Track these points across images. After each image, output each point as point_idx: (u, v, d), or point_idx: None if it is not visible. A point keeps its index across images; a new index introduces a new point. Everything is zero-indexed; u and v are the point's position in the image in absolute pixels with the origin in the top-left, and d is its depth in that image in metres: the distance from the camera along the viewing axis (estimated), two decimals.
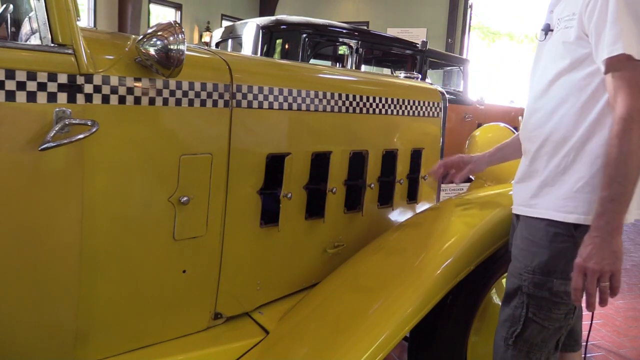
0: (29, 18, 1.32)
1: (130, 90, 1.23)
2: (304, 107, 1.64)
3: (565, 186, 1.27)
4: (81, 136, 1.11)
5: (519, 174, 1.43)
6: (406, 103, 2.00)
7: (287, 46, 4.00)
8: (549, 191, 1.30)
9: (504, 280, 1.71)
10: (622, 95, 1.16)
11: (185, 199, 1.36)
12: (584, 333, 1.74)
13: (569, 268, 1.24)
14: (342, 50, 4.79)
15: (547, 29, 1.36)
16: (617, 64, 1.16)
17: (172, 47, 1.17)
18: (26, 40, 1.33)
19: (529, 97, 1.42)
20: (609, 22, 1.16)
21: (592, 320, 1.69)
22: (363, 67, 4.79)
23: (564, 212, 1.26)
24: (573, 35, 1.25)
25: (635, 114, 1.13)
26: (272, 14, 10.73)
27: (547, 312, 1.31)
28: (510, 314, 1.36)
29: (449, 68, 5.49)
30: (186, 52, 1.20)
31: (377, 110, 1.88)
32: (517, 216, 1.43)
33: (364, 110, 1.83)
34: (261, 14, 10.93)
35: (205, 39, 9.79)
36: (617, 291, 1.17)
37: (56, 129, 1.09)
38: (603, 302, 1.18)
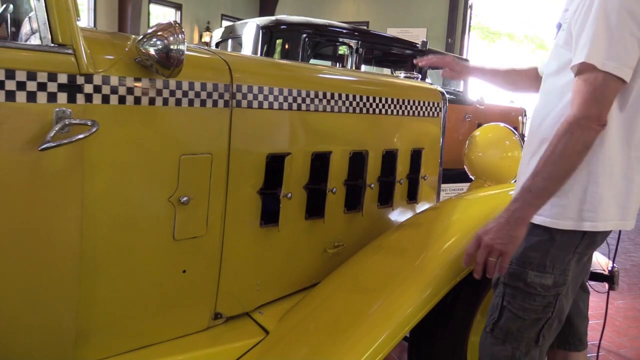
0: (29, 18, 1.32)
1: (130, 90, 1.23)
2: (304, 107, 1.64)
3: None
4: (81, 136, 1.11)
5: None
6: (406, 103, 2.00)
7: (287, 46, 4.00)
8: None
9: None
10: (577, 99, 1.18)
11: (185, 199, 1.36)
12: (591, 334, 1.75)
13: (545, 261, 1.30)
14: (342, 50, 4.79)
15: (559, 27, 1.37)
16: (583, 70, 1.18)
17: (172, 47, 1.17)
18: (26, 40, 1.33)
19: None
20: (586, 27, 1.18)
21: (603, 327, 1.69)
22: (363, 67, 4.78)
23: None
24: (562, 39, 1.28)
25: (582, 121, 1.16)
26: (272, 14, 10.73)
27: (521, 302, 1.34)
28: (492, 303, 1.41)
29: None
30: (186, 52, 1.20)
31: (377, 110, 1.88)
32: None
33: (364, 110, 1.83)
34: (261, 14, 10.93)
35: (205, 39, 9.80)
36: (503, 271, 1.27)
37: (56, 129, 1.09)
38: (488, 274, 1.27)
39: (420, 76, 2.32)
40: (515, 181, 1.48)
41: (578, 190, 1.25)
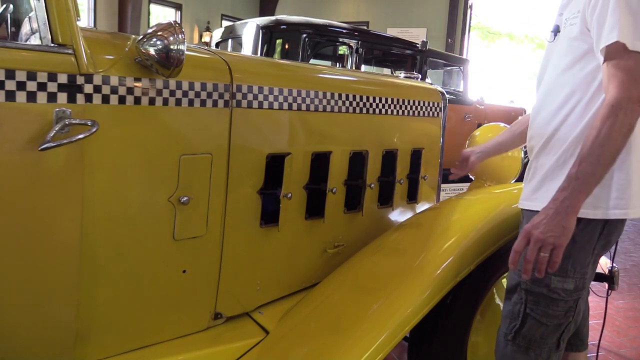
0: (29, 18, 1.32)
1: (130, 90, 1.23)
2: (304, 107, 1.64)
3: (561, 179, 1.25)
4: (81, 136, 1.11)
5: (527, 172, 1.43)
6: (406, 103, 2.00)
7: (287, 46, 4.01)
8: (548, 185, 1.31)
9: (504, 280, 1.71)
10: (614, 82, 1.17)
11: (185, 198, 1.36)
12: (591, 334, 1.75)
13: (566, 265, 1.26)
14: (342, 50, 4.80)
15: (556, 31, 1.38)
16: (613, 53, 1.17)
17: (172, 47, 1.17)
18: (26, 40, 1.33)
19: (537, 97, 1.43)
20: (609, 13, 1.18)
21: (603, 326, 1.69)
22: (363, 67, 4.79)
23: None
24: (576, 31, 1.27)
25: (623, 102, 1.15)
26: (272, 14, 10.73)
27: (544, 309, 1.32)
28: (510, 309, 1.38)
29: (449, 68, 5.49)
30: (186, 52, 1.20)
31: (377, 110, 1.88)
32: (522, 211, 1.44)
33: (364, 110, 1.83)
34: (261, 14, 10.93)
35: (205, 39, 9.79)
36: (555, 267, 1.19)
37: (56, 129, 1.09)
38: (539, 272, 1.20)
39: (420, 76, 2.33)
40: (516, 180, 1.48)
41: (606, 178, 1.21)
